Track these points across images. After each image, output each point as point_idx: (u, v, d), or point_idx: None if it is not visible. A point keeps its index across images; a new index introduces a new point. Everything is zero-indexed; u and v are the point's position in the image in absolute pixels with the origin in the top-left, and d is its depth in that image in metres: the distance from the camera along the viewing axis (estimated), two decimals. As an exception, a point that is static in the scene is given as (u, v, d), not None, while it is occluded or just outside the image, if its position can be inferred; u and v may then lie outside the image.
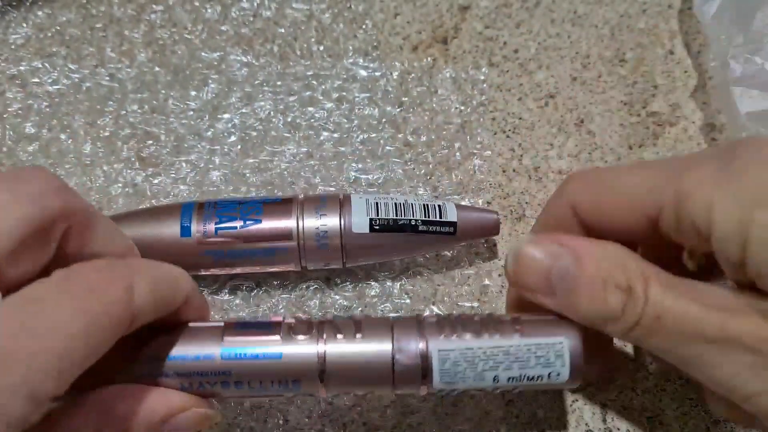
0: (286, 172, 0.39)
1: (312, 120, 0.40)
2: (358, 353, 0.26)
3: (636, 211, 0.24)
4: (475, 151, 0.39)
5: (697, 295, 0.23)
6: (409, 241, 0.33)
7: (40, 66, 0.41)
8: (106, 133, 0.39)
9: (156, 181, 0.38)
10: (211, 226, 0.32)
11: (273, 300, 0.35)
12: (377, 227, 0.33)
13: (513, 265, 0.26)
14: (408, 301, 0.35)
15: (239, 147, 0.39)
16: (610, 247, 0.24)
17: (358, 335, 0.26)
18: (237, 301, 0.35)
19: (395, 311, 0.35)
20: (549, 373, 0.25)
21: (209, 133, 0.40)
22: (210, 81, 0.41)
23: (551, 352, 0.25)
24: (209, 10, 0.43)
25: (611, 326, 0.24)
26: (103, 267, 0.21)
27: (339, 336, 0.26)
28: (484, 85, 0.41)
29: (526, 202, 0.38)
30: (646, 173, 0.24)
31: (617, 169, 0.27)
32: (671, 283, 0.23)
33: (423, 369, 0.26)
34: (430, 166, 0.39)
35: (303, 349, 0.26)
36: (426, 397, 0.33)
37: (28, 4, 0.43)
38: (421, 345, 0.26)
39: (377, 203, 0.33)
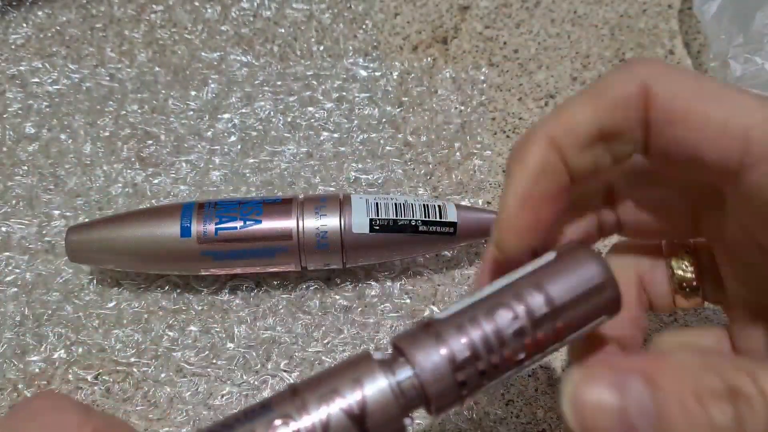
0: (286, 172, 0.39)
1: (312, 120, 0.40)
2: None
3: (728, 130, 0.19)
4: (475, 151, 0.39)
5: None
6: (409, 241, 0.33)
7: (40, 66, 0.41)
8: (106, 133, 0.39)
9: (156, 181, 0.38)
10: (211, 227, 0.32)
11: (273, 300, 0.35)
12: (377, 227, 0.33)
13: (577, 418, 0.19)
14: (408, 301, 0.35)
15: (239, 147, 0.39)
16: (681, 353, 0.18)
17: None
18: (237, 301, 0.35)
19: (395, 311, 0.35)
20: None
21: (209, 133, 0.40)
22: (210, 81, 0.41)
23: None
24: (209, 10, 0.43)
25: None
26: None
27: None
28: (484, 85, 0.41)
29: (526, 202, 0.38)
30: (741, 96, 0.19)
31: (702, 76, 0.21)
32: None
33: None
34: (430, 166, 0.39)
35: None
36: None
37: (28, 4, 0.43)
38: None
39: (377, 203, 0.33)
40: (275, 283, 0.36)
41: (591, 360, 0.22)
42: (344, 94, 0.41)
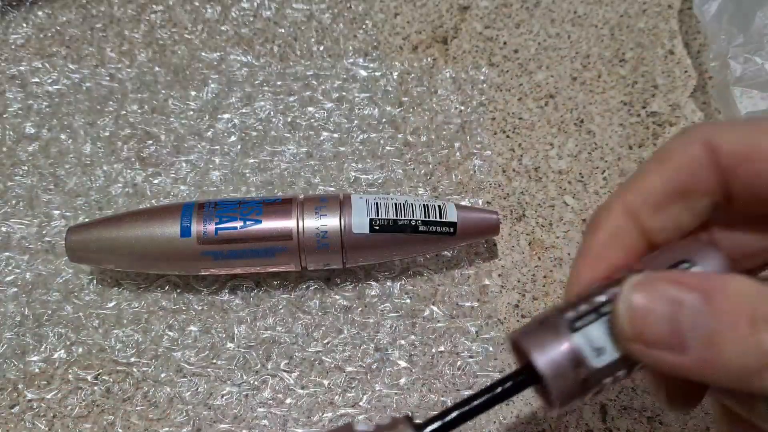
0: (286, 172, 0.39)
1: (312, 120, 0.40)
2: None
3: None
4: (475, 151, 0.39)
5: None
6: (409, 241, 0.33)
7: (40, 66, 0.41)
8: (106, 133, 0.39)
9: (156, 181, 0.38)
10: (211, 227, 0.32)
11: (273, 300, 0.35)
12: (377, 227, 0.33)
13: (628, 321, 0.20)
14: (408, 301, 0.35)
15: (239, 147, 0.39)
16: (740, 279, 0.19)
17: None
18: (237, 301, 0.35)
19: (395, 311, 0.35)
20: None
21: (209, 133, 0.40)
22: (210, 81, 0.41)
23: None
24: (209, 10, 0.43)
25: None
26: None
27: None
28: (484, 85, 0.41)
29: (526, 202, 0.38)
30: None
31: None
32: None
33: None
34: (430, 166, 0.39)
35: None
36: (425, 395, 0.33)
37: (28, 4, 0.43)
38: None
39: (377, 203, 0.33)
40: (275, 283, 0.36)
41: (655, 271, 0.23)
42: (344, 94, 0.41)
